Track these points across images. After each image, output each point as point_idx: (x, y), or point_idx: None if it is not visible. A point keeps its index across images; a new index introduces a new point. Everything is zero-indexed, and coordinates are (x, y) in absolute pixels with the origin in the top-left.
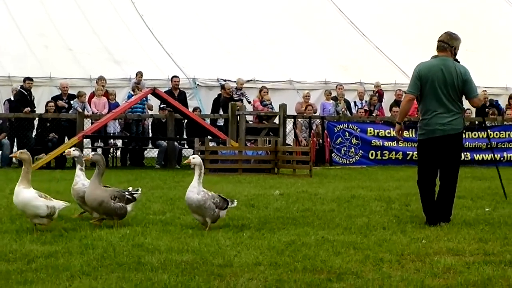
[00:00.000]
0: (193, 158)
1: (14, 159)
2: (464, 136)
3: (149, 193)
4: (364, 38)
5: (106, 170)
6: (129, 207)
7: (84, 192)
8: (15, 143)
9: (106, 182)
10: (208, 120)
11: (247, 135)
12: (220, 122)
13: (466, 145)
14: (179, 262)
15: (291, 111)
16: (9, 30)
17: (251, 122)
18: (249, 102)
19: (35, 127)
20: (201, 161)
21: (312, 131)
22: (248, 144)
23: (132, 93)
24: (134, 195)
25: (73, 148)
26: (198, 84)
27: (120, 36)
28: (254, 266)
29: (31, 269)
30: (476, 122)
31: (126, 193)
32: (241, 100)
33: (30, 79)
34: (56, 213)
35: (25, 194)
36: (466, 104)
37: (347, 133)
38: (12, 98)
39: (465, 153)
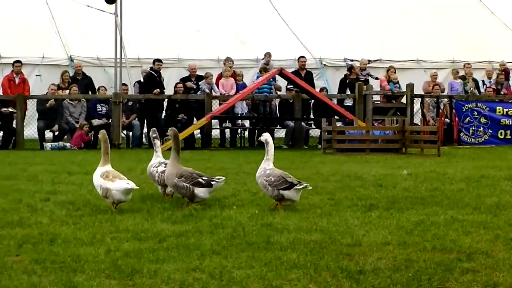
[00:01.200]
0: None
1: (144, 140)
2: None
3: None
4: (492, 16)
5: (234, 150)
6: (200, 191)
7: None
8: (145, 124)
9: (234, 161)
10: (335, 100)
11: (374, 115)
12: (348, 102)
13: None
14: (308, 241)
15: (418, 90)
16: (139, 13)
17: (378, 102)
18: (376, 78)
19: (165, 108)
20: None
21: (440, 110)
22: (375, 124)
23: (260, 74)
24: (212, 182)
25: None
26: (324, 64)
27: (247, 17)
28: (383, 245)
29: (163, 248)
30: None
31: (201, 177)
32: (367, 81)
33: (159, 60)
34: (114, 195)
35: (94, 173)
36: None
37: (475, 112)
38: (142, 80)
39: None
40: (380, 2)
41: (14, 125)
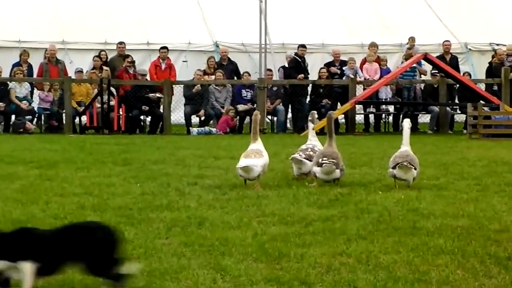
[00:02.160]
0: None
1: (288, 125)
2: None
3: (422, 159)
4: None
5: (379, 135)
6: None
7: None
8: (289, 109)
9: (379, 146)
10: (482, 86)
11: None
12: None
13: None
14: (455, 227)
15: None
16: None
17: None
18: None
19: (309, 93)
20: None
21: None
22: None
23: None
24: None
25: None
26: (470, 49)
27: (391, 1)
28: None
29: (309, 232)
30: None
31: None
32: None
33: (304, 46)
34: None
35: None
36: None
37: None
38: (287, 65)
39: None
40: None
41: (161, 110)
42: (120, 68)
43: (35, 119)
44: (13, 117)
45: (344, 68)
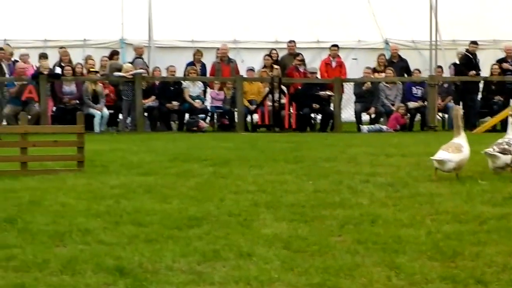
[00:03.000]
0: None
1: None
2: None
3: None
4: None
5: None
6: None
7: None
8: (461, 106)
9: None
10: None
11: None
12: None
13: None
14: None
15: None
16: None
17: None
18: None
19: (480, 90)
20: None
21: None
22: None
23: None
24: None
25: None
26: None
27: None
28: None
29: (483, 231)
30: None
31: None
32: None
33: (475, 42)
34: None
35: None
36: None
37: None
38: (458, 62)
39: None
40: None
41: (331, 108)
42: (290, 67)
43: (208, 117)
44: (186, 115)
45: None
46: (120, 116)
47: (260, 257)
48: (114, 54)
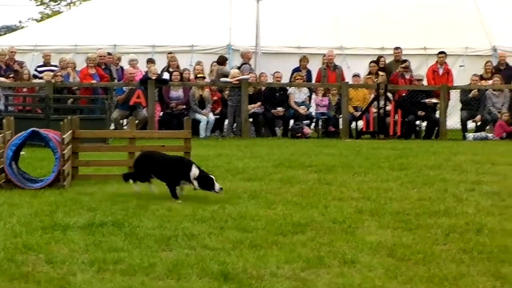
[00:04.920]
0: None
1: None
2: None
3: None
4: None
5: None
6: None
7: None
8: None
9: None
10: None
11: None
12: None
13: None
14: None
15: None
16: None
17: None
18: None
19: None
20: None
21: None
22: None
23: None
24: None
25: None
26: None
27: None
28: None
29: None
30: None
31: None
32: None
33: None
34: None
35: None
36: None
37: None
38: None
39: None
40: None
41: (437, 116)
42: (394, 73)
43: (313, 123)
44: (291, 121)
45: None
46: (226, 121)
47: (364, 264)
48: (223, 60)
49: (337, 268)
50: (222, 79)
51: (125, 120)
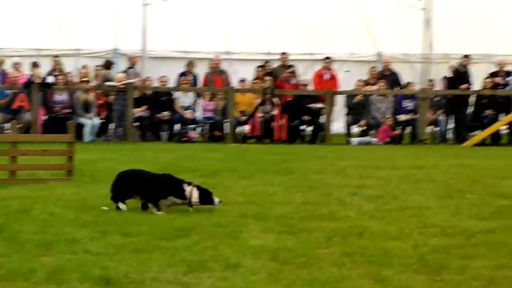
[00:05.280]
0: None
1: (450, 136)
2: None
3: None
4: None
5: None
6: None
7: None
8: (450, 120)
9: None
10: None
11: None
12: None
13: None
14: None
15: None
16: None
17: None
18: None
19: (472, 104)
20: None
21: None
22: None
23: None
24: None
25: None
26: None
27: None
28: None
29: (470, 244)
30: None
31: None
32: None
33: (467, 56)
34: None
35: None
36: None
37: None
38: (449, 75)
39: None
40: None
41: (322, 120)
42: (280, 78)
43: (200, 128)
44: (177, 126)
45: (507, 78)
46: (111, 125)
47: (247, 268)
48: (109, 64)
49: (220, 272)
50: (108, 83)
51: (7, 124)
